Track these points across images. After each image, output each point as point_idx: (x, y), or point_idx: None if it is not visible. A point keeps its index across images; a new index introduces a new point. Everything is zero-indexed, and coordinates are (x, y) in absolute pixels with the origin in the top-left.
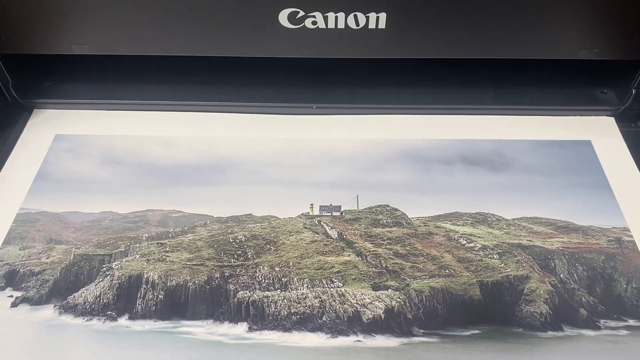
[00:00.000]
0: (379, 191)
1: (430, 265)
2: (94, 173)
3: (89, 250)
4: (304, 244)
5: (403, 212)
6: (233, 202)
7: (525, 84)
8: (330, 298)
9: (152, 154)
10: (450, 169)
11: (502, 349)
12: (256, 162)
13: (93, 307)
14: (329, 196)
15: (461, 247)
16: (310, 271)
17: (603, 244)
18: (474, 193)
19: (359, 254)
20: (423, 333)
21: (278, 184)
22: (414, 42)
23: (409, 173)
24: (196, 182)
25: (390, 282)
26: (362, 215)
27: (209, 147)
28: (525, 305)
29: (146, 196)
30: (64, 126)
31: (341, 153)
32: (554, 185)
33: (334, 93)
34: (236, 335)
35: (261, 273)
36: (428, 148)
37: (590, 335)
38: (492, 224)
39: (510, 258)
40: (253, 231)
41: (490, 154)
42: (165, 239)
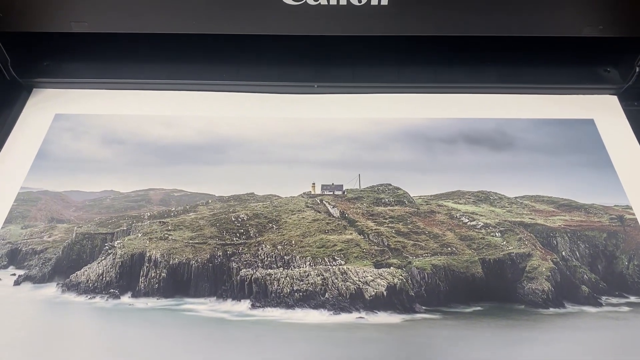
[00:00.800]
0: (381, 170)
1: (432, 243)
2: (95, 152)
3: (91, 229)
4: (306, 223)
5: (405, 191)
6: (235, 182)
7: (528, 63)
8: (333, 276)
9: (153, 133)
10: (453, 147)
11: (504, 326)
12: (257, 141)
13: (96, 285)
14: (330, 175)
15: (463, 226)
16: (313, 249)
17: (605, 222)
18: (476, 172)
19: (361, 233)
20: (425, 310)
21: (280, 163)
22: (416, 19)
23: (411, 152)
24: (197, 161)
25: (392, 260)
26: (364, 194)
27: (210, 126)
28: (527, 282)
29: (147, 175)
30: (64, 105)
31: (343, 132)
32: (557, 164)
33: (335, 72)
34: (239, 312)
35: (263, 251)
36: (430, 127)
37: (592, 312)
38: (494, 202)
39: (513, 236)
40: (255, 210)
41: (492, 132)
42: (167, 218)
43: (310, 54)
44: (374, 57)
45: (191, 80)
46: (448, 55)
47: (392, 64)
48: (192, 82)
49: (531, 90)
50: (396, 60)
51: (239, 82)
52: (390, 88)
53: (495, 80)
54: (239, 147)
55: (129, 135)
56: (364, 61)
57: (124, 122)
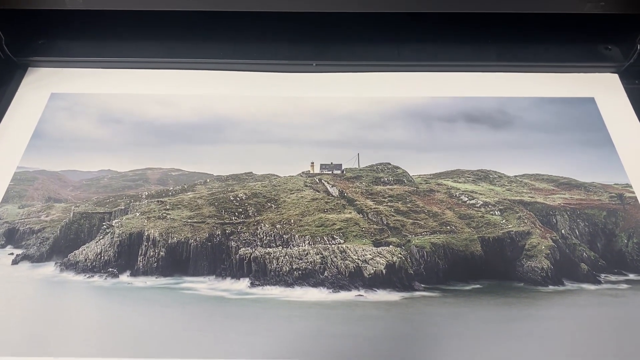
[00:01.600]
0: (380, 149)
1: (432, 222)
2: (92, 132)
3: (89, 209)
4: (305, 202)
5: (404, 170)
6: (233, 161)
7: (528, 41)
8: (332, 254)
9: (150, 112)
10: (452, 126)
11: (503, 303)
12: (256, 120)
13: (94, 264)
14: (329, 155)
15: (462, 204)
16: (312, 228)
17: (605, 200)
18: (476, 150)
19: (360, 212)
20: (424, 288)
21: (278, 142)
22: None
23: (410, 131)
24: (195, 140)
25: (392, 238)
26: (363, 173)
27: (208, 105)
28: (527, 260)
29: (145, 154)
30: (60, 85)
31: (342, 111)
32: (557, 142)
33: (334, 50)
34: (238, 291)
35: (262, 230)
36: (430, 106)
37: (591, 289)
38: (494, 181)
39: (512, 214)
40: (254, 189)
41: (492, 111)
42: (165, 197)
43: (309, 32)
44: (373, 36)
45: (189, 58)
46: (448, 33)
47: (391, 42)
48: (189, 60)
49: (531, 69)
50: (396, 38)
51: (237, 61)
52: (390, 66)
53: (495, 59)
54: (237, 126)
55: (126, 115)
56: (364, 39)
57: (120, 101)
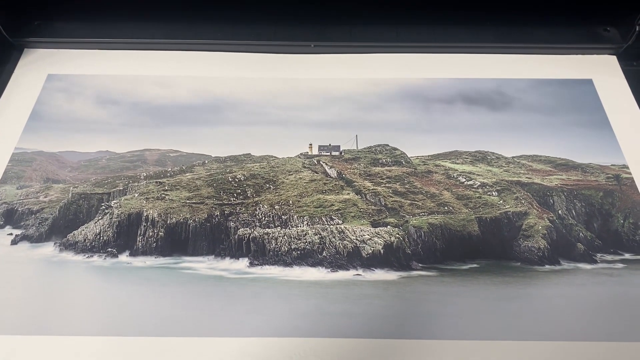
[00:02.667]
0: (378, 131)
1: (429, 203)
2: (89, 113)
3: (87, 189)
4: (303, 183)
5: (402, 151)
6: (231, 142)
7: (526, 22)
8: (330, 235)
9: (148, 93)
10: (451, 108)
11: (500, 282)
12: (254, 102)
13: (93, 244)
14: (327, 136)
15: (460, 185)
16: (310, 209)
17: (602, 181)
18: (474, 132)
19: (358, 193)
20: (422, 267)
21: (276, 124)
22: None
23: (408, 112)
24: (193, 121)
25: (390, 219)
26: (362, 154)
27: (206, 86)
28: (524, 240)
29: (143, 136)
30: (57, 66)
31: (340, 93)
32: (555, 124)
33: (332, 31)
34: (237, 270)
35: (261, 211)
36: (428, 87)
37: (587, 268)
38: (492, 162)
39: (509, 195)
40: (252, 170)
41: (491, 92)
42: (163, 178)
43: (307, 13)
44: (372, 16)
45: (186, 39)
46: (447, 15)
47: (390, 23)
48: (187, 41)
49: (530, 50)
50: (394, 19)
51: (235, 42)
52: (389, 48)
53: (493, 40)
54: (235, 107)
55: (124, 96)
56: (362, 20)
57: (118, 83)
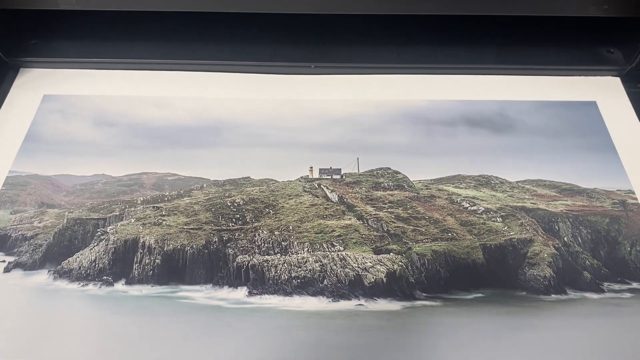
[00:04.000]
0: (380, 154)
1: (433, 229)
2: (86, 135)
3: (83, 214)
4: (303, 208)
5: (405, 175)
6: (230, 165)
7: (529, 43)
8: (331, 262)
9: (145, 115)
10: (453, 130)
11: (505, 312)
12: (253, 123)
13: (88, 272)
14: (328, 159)
15: (464, 210)
16: (311, 235)
17: (607, 207)
18: (477, 155)
19: (360, 218)
20: (425, 297)
21: (276, 146)
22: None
23: (410, 135)
24: (191, 144)
25: (392, 245)
26: (363, 178)
27: (204, 107)
28: (529, 268)
29: (140, 159)
30: (53, 86)
31: (341, 114)
32: (558, 147)
33: (333, 52)
34: (236, 300)
35: (260, 237)
36: (430, 109)
37: (594, 298)
38: (496, 186)
39: (514, 221)
40: (251, 194)
41: (493, 115)
42: (161, 203)
43: (308, 33)
44: (373, 37)
45: (184, 60)
46: (449, 36)
47: (391, 44)
48: (185, 61)
49: (532, 72)
50: (396, 40)
51: (234, 62)
52: (390, 69)
53: (496, 61)
54: (234, 129)
55: (121, 117)
56: (363, 41)
57: (115, 103)
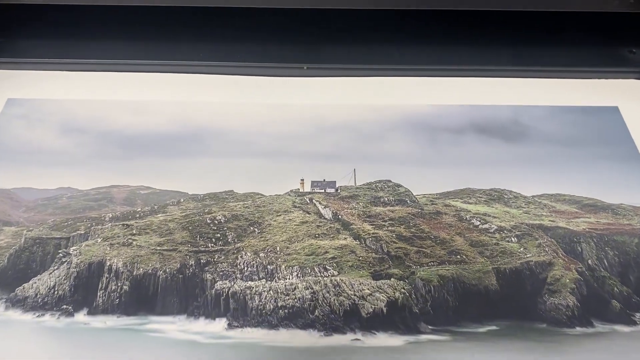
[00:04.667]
0: (379, 164)
1: (439, 250)
2: (52, 143)
3: (43, 233)
4: (293, 226)
5: (407, 189)
6: (211, 177)
7: (544, 43)
8: (324, 289)
9: (119, 121)
10: (461, 138)
11: (523, 348)
12: (238, 130)
13: (46, 300)
14: (322, 170)
15: (474, 229)
16: (301, 257)
17: (636, 225)
18: (488, 166)
19: (357, 237)
20: (432, 330)
21: (264, 155)
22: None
23: (413, 143)
24: (169, 153)
25: (393, 269)
26: (360, 192)
27: (185, 113)
28: (549, 296)
29: (111, 170)
30: (18, 89)
31: (336, 120)
32: (578, 157)
33: (328, 51)
34: (213, 334)
35: (243, 260)
36: (435, 115)
37: (625, 331)
38: (509, 201)
39: (531, 241)
40: (234, 210)
41: (505, 121)
42: (131, 220)
43: (300, 31)
44: (372, 35)
45: (164, 60)
46: (456, 33)
47: (392, 42)
48: (164, 62)
49: (548, 74)
50: (397, 38)
51: (218, 63)
52: (391, 70)
53: (508, 62)
54: (216, 136)
55: (92, 123)
56: (361, 39)
57: (86, 108)
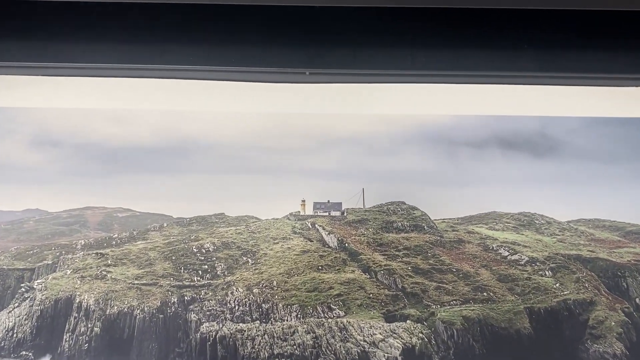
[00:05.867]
0: (391, 183)
1: (463, 286)
2: (21, 157)
3: (5, 263)
4: (292, 255)
5: (423, 212)
6: (200, 197)
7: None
8: (328, 333)
9: (98, 132)
10: (483, 153)
11: None
12: (232, 143)
13: (2, 344)
14: (326, 190)
15: (502, 261)
16: (301, 294)
17: None
18: (515, 186)
19: (367, 270)
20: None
21: (260, 172)
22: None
23: (430, 159)
24: (153, 169)
25: (409, 309)
26: (370, 215)
27: (172, 123)
28: (592, 342)
29: (86, 188)
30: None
31: (342, 133)
32: (617, 176)
33: (333, 55)
34: None
35: (234, 297)
36: (454, 126)
37: None
38: (541, 228)
39: (568, 275)
40: (225, 237)
41: (533, 134)
42: (107, 248)
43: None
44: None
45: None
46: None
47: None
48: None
49: (580, 81)
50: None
51: (210, 67)
52: (403, 76)
53: (535, 68)
54: (207, 150)
55: (67, 135)
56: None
57: (62, 118)
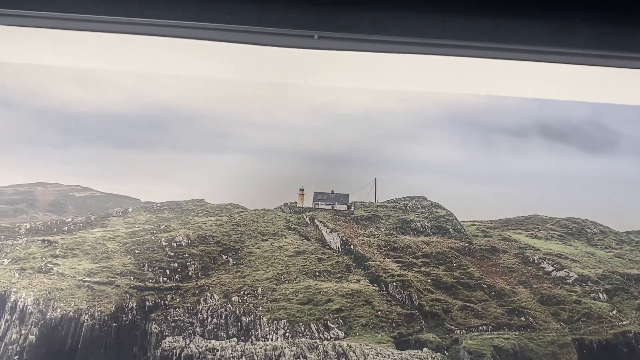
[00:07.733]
0: (409, 173)
1: (495, 307)
2: None
3: None
4: (284, 257)
5: (449, 211)
6: (175, 178)
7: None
8: (324, 358)
9: (61, 94)
10: (524, 144)
11: None
12: (219, 115)
13: None
14: (329, 177)
15: (545, 277)
16: (292, 306)
17: None
18: (561, 185)
19: (376, 280)
20: None
21: (250, 152)
22: None
23: (458, 147)
24: (123, 141)
25: (427, 334)
26: (383, 211)
27: (149, 87)
28: None
29: (40, 160)
30: None
31: (352, 109)
32: None
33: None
34: None
35: (207, 305)
36: (489, 109)
37: None
38: (593, 239)
39: (627, 301)
40: (202, 229)
41: (584, 123)
42: (56, 235)
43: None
44: None
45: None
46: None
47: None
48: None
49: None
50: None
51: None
52: (430, 46)
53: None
54: (189, 122)
55: (25, 95)
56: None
57: (20, 75)
